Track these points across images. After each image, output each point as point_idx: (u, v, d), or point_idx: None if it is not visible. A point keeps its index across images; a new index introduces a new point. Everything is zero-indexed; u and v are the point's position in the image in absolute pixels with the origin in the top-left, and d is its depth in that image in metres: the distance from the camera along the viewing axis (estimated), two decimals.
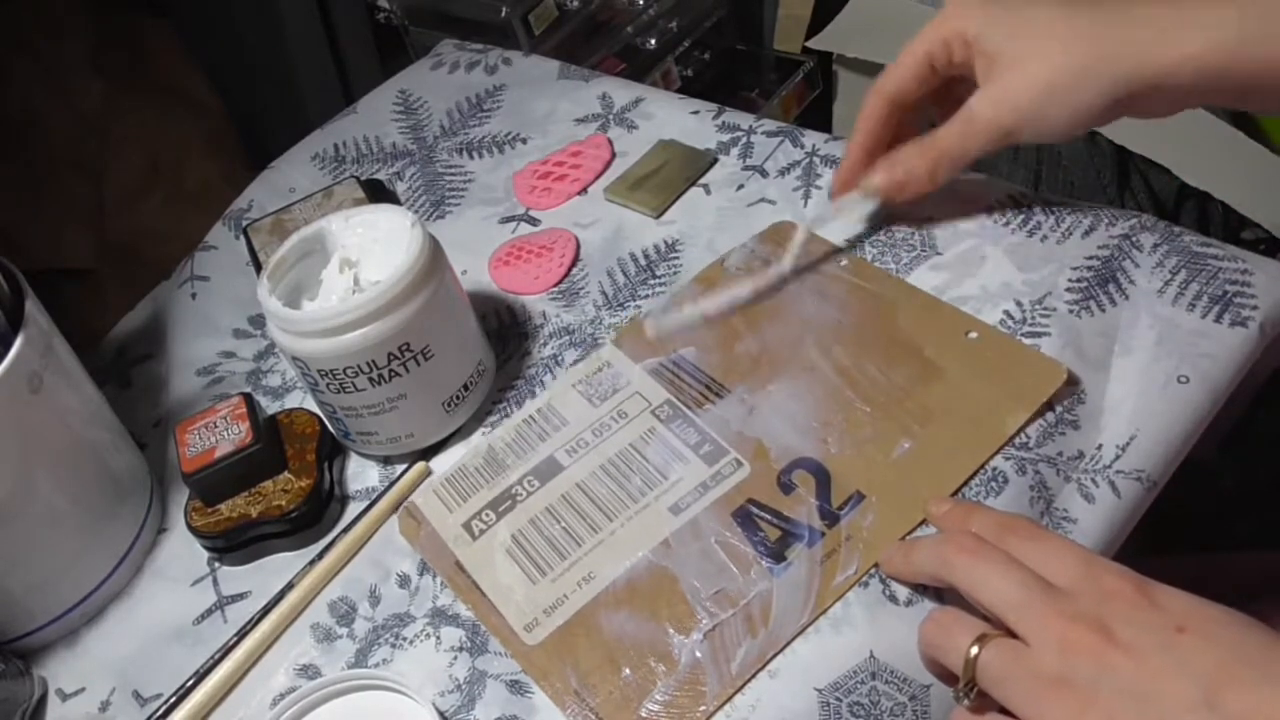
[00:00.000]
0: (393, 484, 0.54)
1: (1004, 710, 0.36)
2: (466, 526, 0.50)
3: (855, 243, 0.57)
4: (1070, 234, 0.54)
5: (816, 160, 0.63)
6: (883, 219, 0.58)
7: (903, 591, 0.44)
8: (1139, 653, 0.34)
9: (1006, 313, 0.52)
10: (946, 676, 0.40)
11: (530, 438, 0.53)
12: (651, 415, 0.52)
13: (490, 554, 0.49)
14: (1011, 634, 0.37)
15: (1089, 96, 0.47)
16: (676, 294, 0.57)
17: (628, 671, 0.44)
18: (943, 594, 0.43)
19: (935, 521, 0.44)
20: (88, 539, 0.53)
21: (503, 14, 1.03)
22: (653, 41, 1.21)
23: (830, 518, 0.46)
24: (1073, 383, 0.48)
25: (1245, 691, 0.33)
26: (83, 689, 0.51)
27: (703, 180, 0.64)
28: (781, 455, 0.49)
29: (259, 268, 0.66)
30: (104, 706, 0.50)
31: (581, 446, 0.52)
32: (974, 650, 0.37)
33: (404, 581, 0.51)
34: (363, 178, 0.71)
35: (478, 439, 0.55)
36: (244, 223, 0.70)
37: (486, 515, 0.51)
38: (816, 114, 1.28)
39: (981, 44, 0.49)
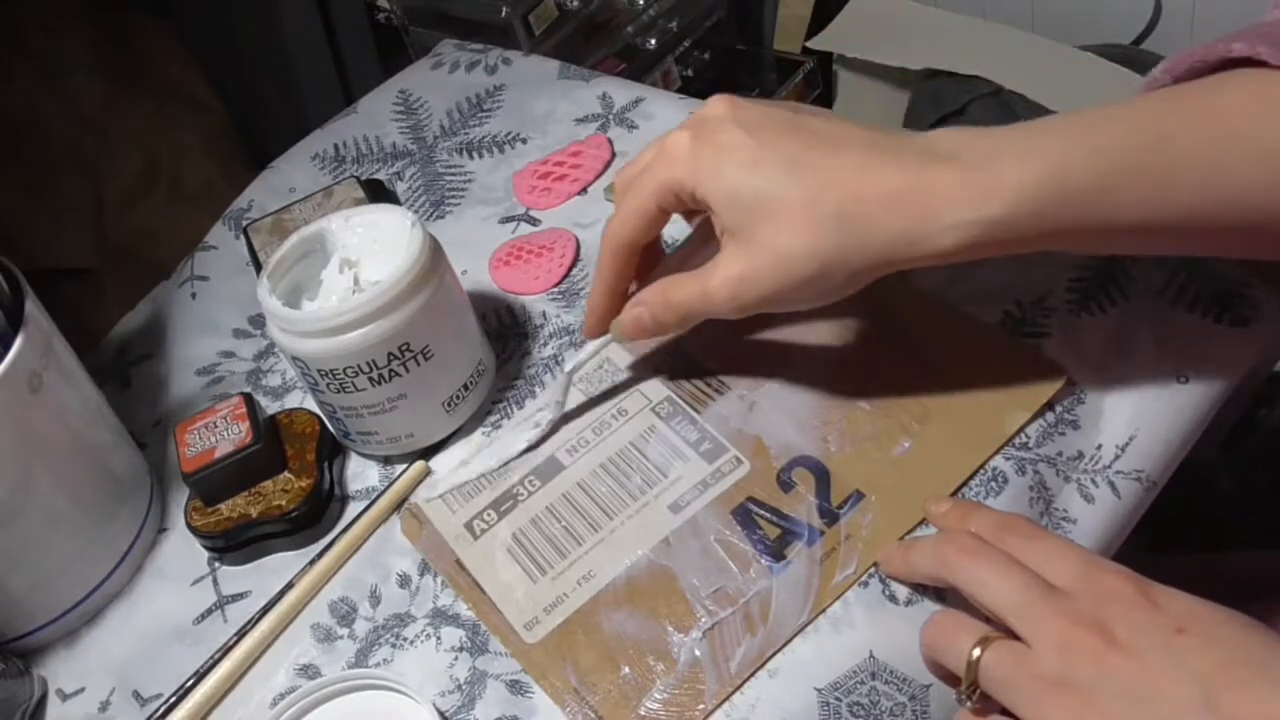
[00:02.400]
0: (392, 484, 0.54)
1: (1006, 712, 0.36)
2: (468, 526, 0.51)
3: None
4: None
5: None
6: None
7: (903, 591, 0.44)
8: (1139, 654, 0.34)
9: (1006, 313, 0.52)
10: (949, 678, 0.40)
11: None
12: (652, 413, 0.52)
13: (491, 553, 0.49)
14: (1012, 635, 0.37)
15: (836, 283, 0.42)
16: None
17: (627, 670, 0.44)
18: (943, 593, 0.43)
19: (935, 521, 0.44)
20: (88, 539, 0.53)
21: (503, 14, 1.03)
22: (653, 41, 1.21)
23: (830, 516, 0.46)
24: (1073, 383, 0.48)
25: (1245, 693, 0.33)
26: (83, 689, 0.51)
27: None
28: (781, 453, 0.49)
29: (259, 268, 0.66)
30: (104, 706, 0.50)
31: (582, 445, 0.52)
32: (975, 653, 0.37)
33: (404, 581, 0.51)
34: (363, 178, 0.71)
35: (479, 440, 0.55)
36: (244, 223, 0.70)
37: (488, 515, 0.51)
38: None
39: (713, 210, 0.43)
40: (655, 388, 0.53)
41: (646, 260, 0.50)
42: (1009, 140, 0.40)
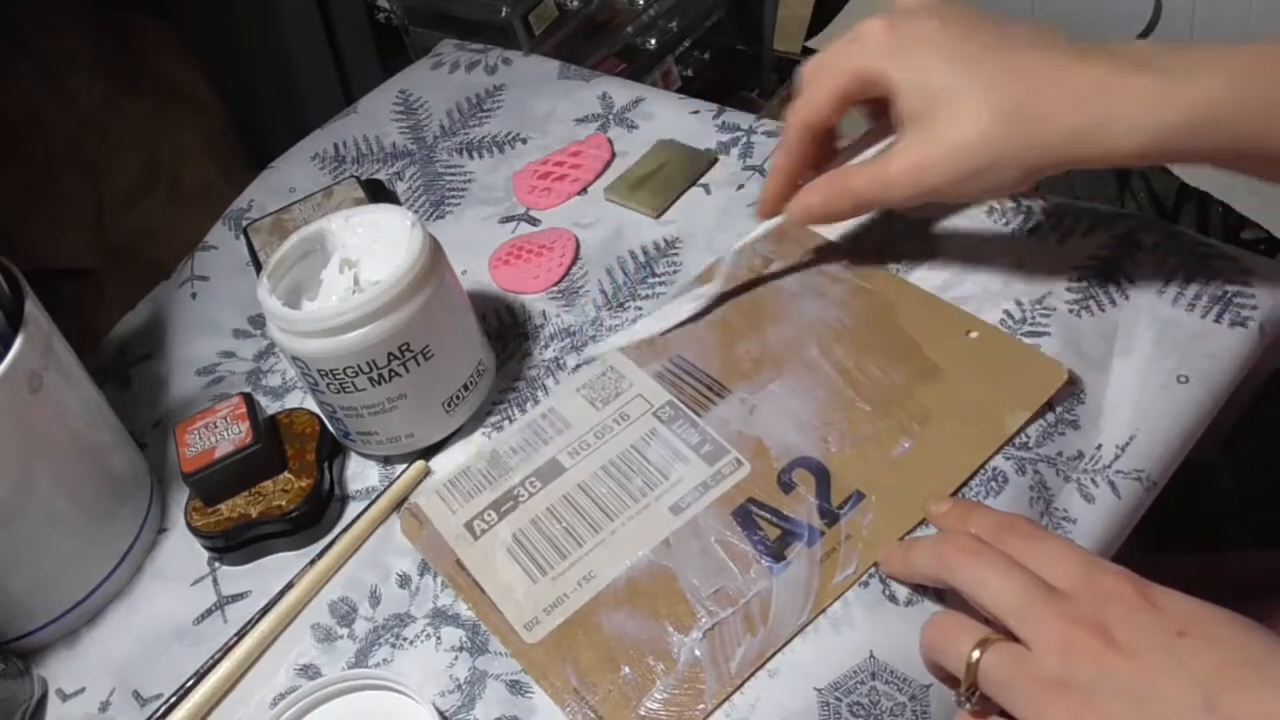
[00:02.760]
0: (392, 484, 0.54)
1: (1006, 714, 0.36)
2: (468, 526, 0.50)
3: (856, 242, 0.57)
4: (1070, 234, 0.54)
5: None
6: (883, 219, 0.58)
7: (903, 591, 0.44)
8: (1139, 655, 0.34)
9: (1006, 312, 0.52)
10: (948, 680, 0.40)
11: (533, 440, 0.53)
12: (653, 416, 0.52)
13: (491, 553, 0.49)
14: (1012, 637, 0.37)
15: (1009, 175, 0.44)
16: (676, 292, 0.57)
17: (627, 670, 0.44)
18: (943, 594, 0.43)
19: (935, 521, 0.44)
20: (88, 539, 0.53)
21: (503, 14, 1.03)
22: (653, 41, 1.21)
23: (830, 517, 0.46)
24: (1073, 383, 0.48)
25: (1245, 694, 0.33)
26: (83, 689, 0.51)
27: (703, 180, 0.65)
28: (782, 454, 0.49)
29: (259, 268, 0.66)
30: (104, 706, 0.50)
31: (584, 448, 0.52)
32: (975, 654, 0.37)
33: (404, 581, 0.51)
34: (363, 178, 0.71)
35: (480, 441, 0.55)
36: (244, 223, 0.70)
37: (488, 515, 0.51)
38: None
39: (898, 97, 0.46)
40: (657, 392, 0.53)
41: (822, 152, 0.52)
42: (1194, 55, 0.42)
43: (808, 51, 1.32)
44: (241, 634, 0.50)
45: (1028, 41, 0.45)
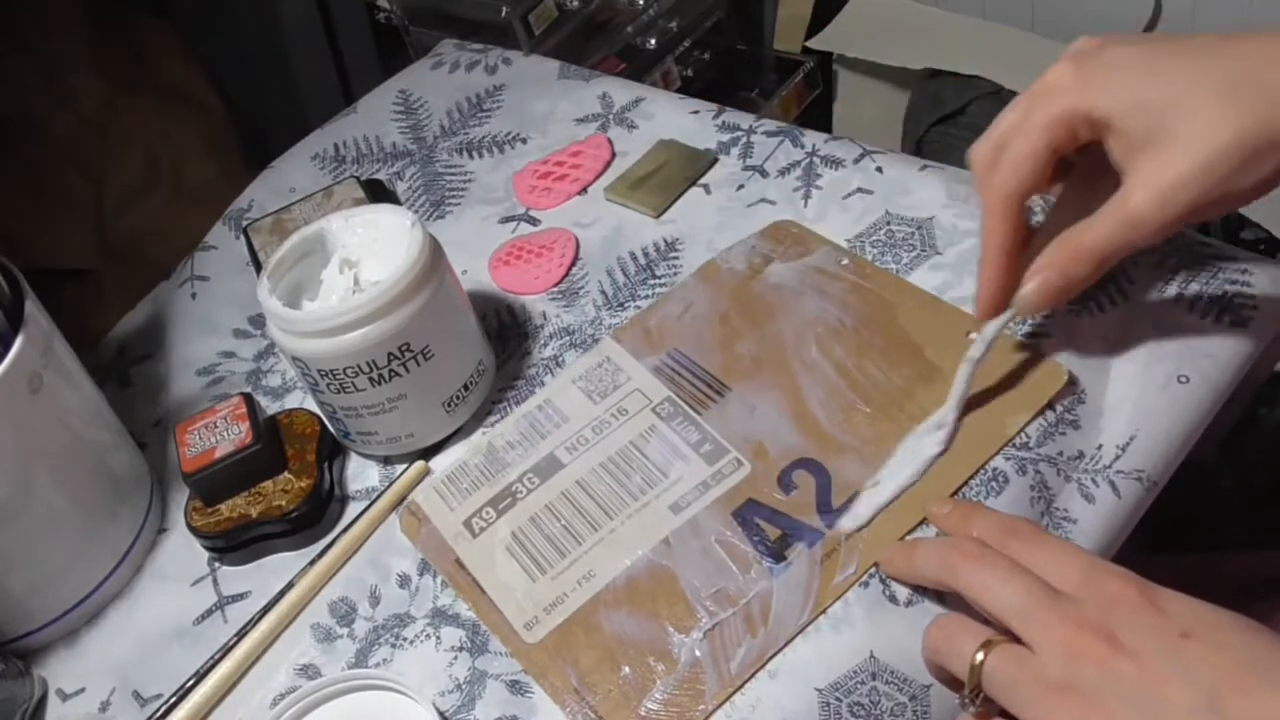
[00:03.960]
0: (392, 484, 0.54)
1: (1009, 716, 0.36)
2: (467, 524, 0.50)
3: (856, 242, 0.57)
4: None
5: (816, 160, 0.63)
6: (883, 219, 0.58)
7: (903, 592, 0.44)
8: (1143, 658, 0.34)
9: None
10: (951, 682, 0.40)
11: (530, 435, 0.53)
12: (652, 413, 0.52)
13: (490, 551, 0.49)
14: (1016, 640, 0.37)
15: (1271, 166, 0.40)
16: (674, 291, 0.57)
17: (627, 670, 0.44)
18: (944, 594, 0.43)
19: (936, 523, 0.44)
20: (88, 539, 0.53)
21: (503, 14, 1.03)
22: (653, 41, 1.21)
23: (830, 518, 0.46)
24: (1073, 383, 0.48)
25: (1250, 697, 0.33)
26: (83, 689, 0.51)
27: (703, 180, 0.64)
28: (782, 455, 0.49)
29: (259, 268, 0.66)
30: (104, 706, 0.50)
31: (582, 444, 0.52)
32: (979, 656, 0.37)
33: (404, 581, 0.51)
34: (363, 178, 0.71)
35: (478, 438, 0.55)
36: (244, 223, 0.70)
37: (487, 513, 0.51)
38: (816, 114, 1.28)
39: (1117, 126, 0.41)
40: (655, 387, 0.53)
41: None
42: None
43: (808, 51, 1.32)
44: (241, 634, 0.50)
45: (1211, 38, 0.42)
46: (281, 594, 0.51)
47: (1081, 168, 0.46)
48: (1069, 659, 0.35)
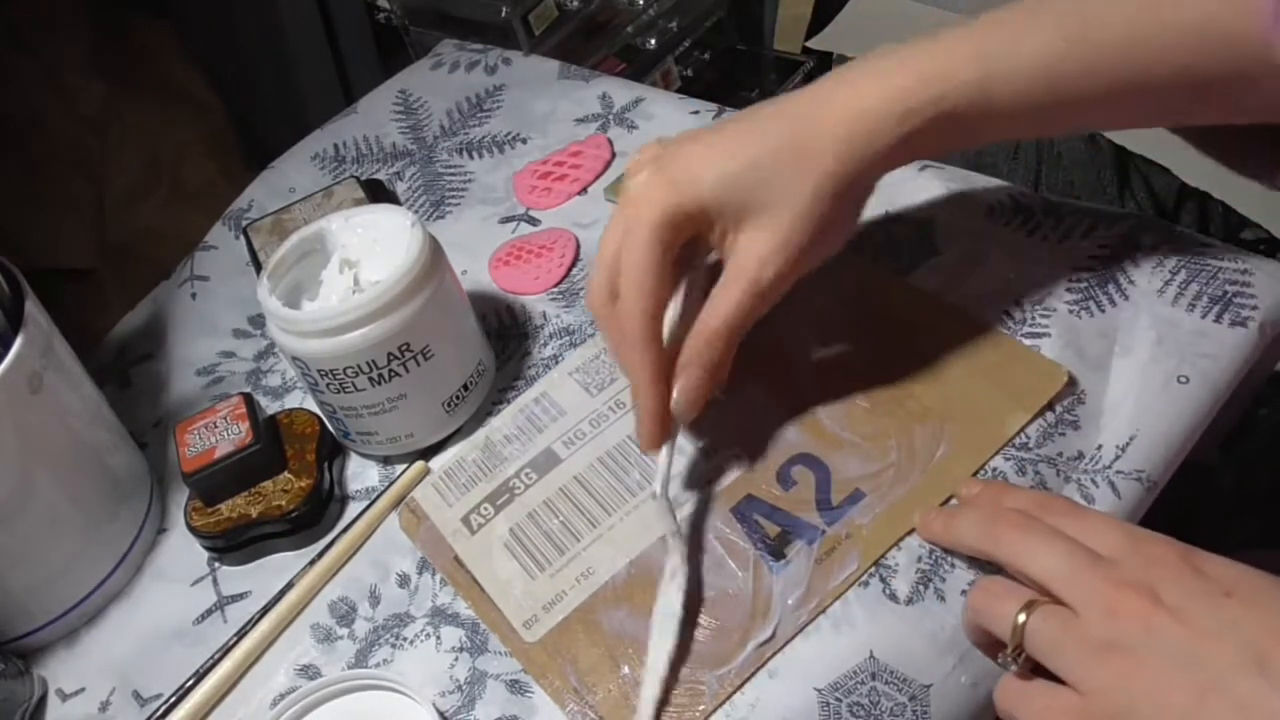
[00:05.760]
0: (392, 484, 0.54)
1: (1052, 676, 0.36)
2: (465, 520, 0.50)
3: (855, 242, 0.57)
4: (1070, 234, 0.54)
5: None
6: (883, 219, 0.58)
7: (903, 591, 0.44)
8: (1187, 617, 0.34)
9: (1006, 313, 0.51)
10: (990, 646, 0.40)
11: (528, 428, 0.53)
12: None
13: (488, 548, 0.49)
14: (1058, 603, 0.37)
15: (862, 191, 0.46)
16: None
17: (627, 669, 0.44)
18: (944, 593, 0.43)
19: (968, 502, 0.44)
20: (88, 539, 0.53)
21: (503, 14, 1.03)
22: (653, 41, 1.21)
23: (830, 515, 0.46)
24: (1073, 383, 0.48)
25: None
26: (83, 689, 0.51)
27: None
28: (781, 450, 0.49)
29: (259, 268, 0.66)
30: (104, 706, 0.50)
31: (579, 438, 0.52)
32: (1022, 617, 0.37)
33: (404, 581, 0.51)
34: (363, 178, 0.71)
35: (476, 434, 0.55)
36: (244, 223, 0.70)
37: (485, 509, 0.51)
38: None
39: (716, 208, 0.44)
40: None
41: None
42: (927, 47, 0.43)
43: (808, 51, 1.32)
44: (241, 634, 0.50)
45: (768, 108, 0.45)
46: (281, 594, 0.51)
47: (719, 227, 0.46)
48: (1112, 618, 0.35)
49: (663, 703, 0.42)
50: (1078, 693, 0.35)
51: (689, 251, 0.46)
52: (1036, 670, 0.37)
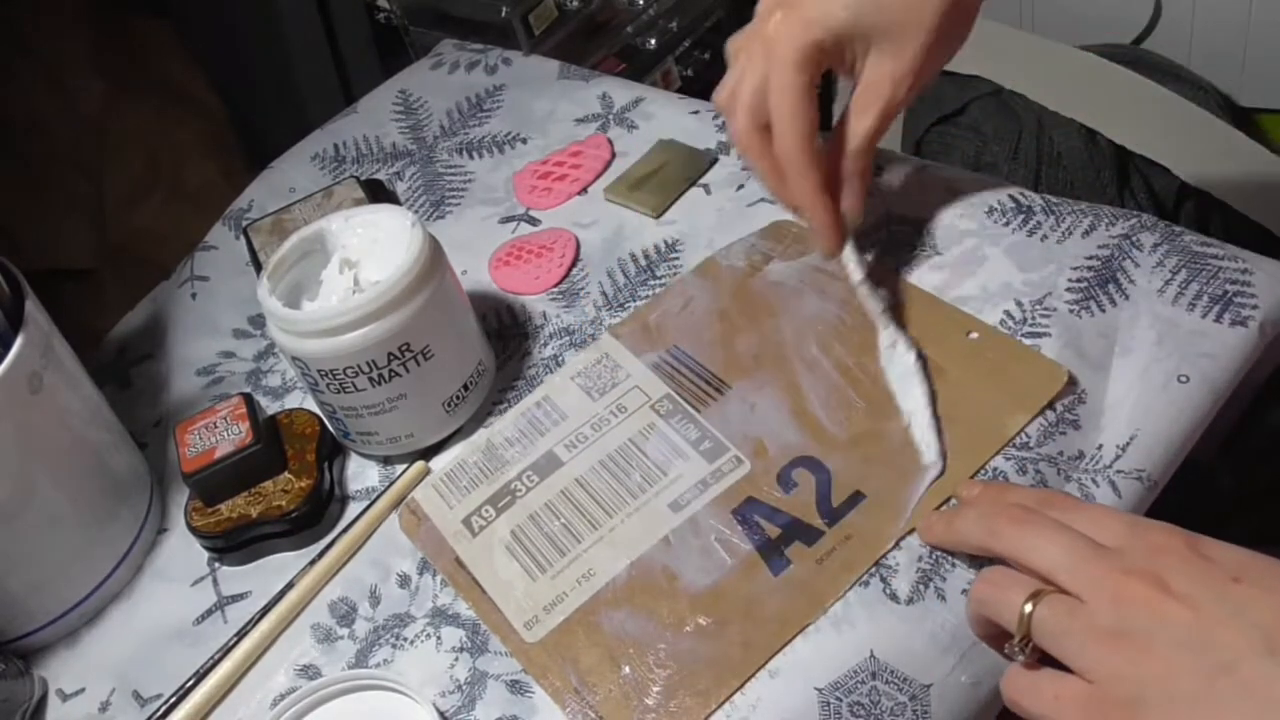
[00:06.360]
0: (392, 484, 0.54)
1: (1059, 665, 0.36)
2: (466, 522, 0.50)
3: (856, 242, 0.57)
4: (1070, 234, 0.54)
5: None
6: (883, 219, 0.58)
7: (903, 590, 0.44)
8: (1195, 602, 0.34)
9: (1006, 313, 0.52)
10: (995, 637, 0.40)
11: (529, 432, 0.53)
12: (651, 410, 0.52)
13: (490, 550, 0.49)
14: (1064, 593, 0.37)
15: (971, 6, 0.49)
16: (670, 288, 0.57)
17: (627, 670, 0.44)
18: (944, 593, 0.43)
19: (969, 503, 0.44)
20: (88, 539, 0.53)
21: (503, 14, 1.03)
22: (653, 41, 1.21)
23: (830, 516, 0.46)
24: (1073, 383, 0.48)
25: None
26: (83, 689, 0.51)
27: (703, 180, 0.64)
28: (782, 453, 0.49)
29: (259, 268, 0.66)
30: (104, 707, 0.50)
31: (581, 441, 0.52)
32: (1029, 607, 0.36)
33: (404, 581, 0.51)
34: (363, 178, 0.71)
35: (477, 436, 0.55)
36: (244, 223, 0.70)
37: (486, 511, 0.51)
38: None
39: (849, 38, 0.49)
40: (654, 384, 0.53)
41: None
42: None
43: None
44: (241, 634, 0.50)
45: None
46: (281, 594, 0.51)
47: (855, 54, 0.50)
48: (1119, 605, 0.35)
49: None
50: (1087, 680, 0.35)
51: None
52: (1043, 661, 0.37)
